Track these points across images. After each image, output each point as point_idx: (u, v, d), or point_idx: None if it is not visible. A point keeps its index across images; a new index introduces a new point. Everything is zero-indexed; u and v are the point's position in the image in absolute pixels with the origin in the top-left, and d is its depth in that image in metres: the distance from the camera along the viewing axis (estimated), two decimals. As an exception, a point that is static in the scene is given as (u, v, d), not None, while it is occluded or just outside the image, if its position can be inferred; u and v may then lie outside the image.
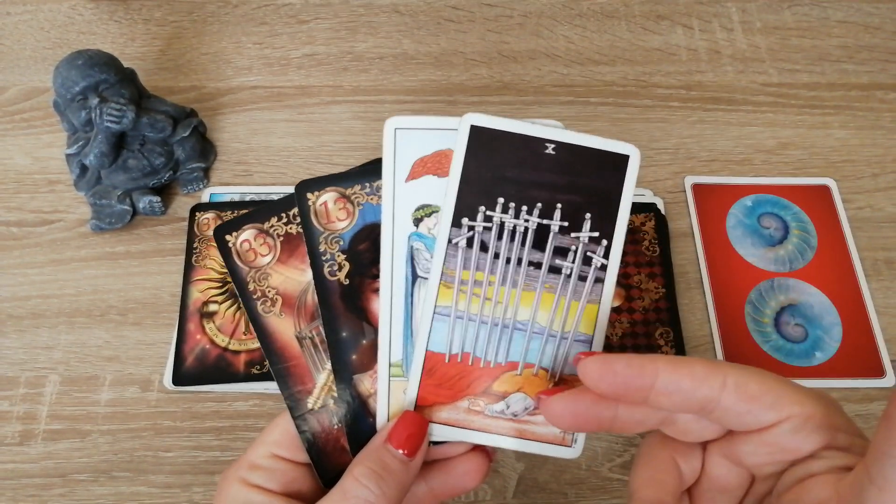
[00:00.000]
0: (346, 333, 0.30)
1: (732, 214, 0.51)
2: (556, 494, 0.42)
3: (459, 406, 0.29)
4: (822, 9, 0.62)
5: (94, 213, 0.50)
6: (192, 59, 0.59)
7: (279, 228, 0.32)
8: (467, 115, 0.29)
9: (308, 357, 0.31)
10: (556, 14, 0.62)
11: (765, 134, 0.55)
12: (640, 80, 0.58)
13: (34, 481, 0.42)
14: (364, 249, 0.31)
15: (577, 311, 0.29)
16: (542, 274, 0.29)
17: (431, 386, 0.29)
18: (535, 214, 0.29)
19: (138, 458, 0.43)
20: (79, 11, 0.62)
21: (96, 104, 0.48)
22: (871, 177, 0.53)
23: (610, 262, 0.29)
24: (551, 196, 0.29)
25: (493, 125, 0.29)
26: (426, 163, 0.30)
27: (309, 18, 0.61)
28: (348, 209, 0.31)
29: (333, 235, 0.31)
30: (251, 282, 0.31)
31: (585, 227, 0.29)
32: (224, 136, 0.55)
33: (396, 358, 0.29)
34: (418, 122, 0.30)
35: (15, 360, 0.46)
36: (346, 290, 0.30)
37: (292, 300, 0.31)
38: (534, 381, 0.29)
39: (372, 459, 0.27)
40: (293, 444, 0.30)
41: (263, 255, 0.32)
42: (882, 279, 0.48)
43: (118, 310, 0.47)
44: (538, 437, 0.29)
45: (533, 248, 0.29)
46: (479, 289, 0.29)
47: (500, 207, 0.29)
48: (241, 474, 0.29)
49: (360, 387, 0.30)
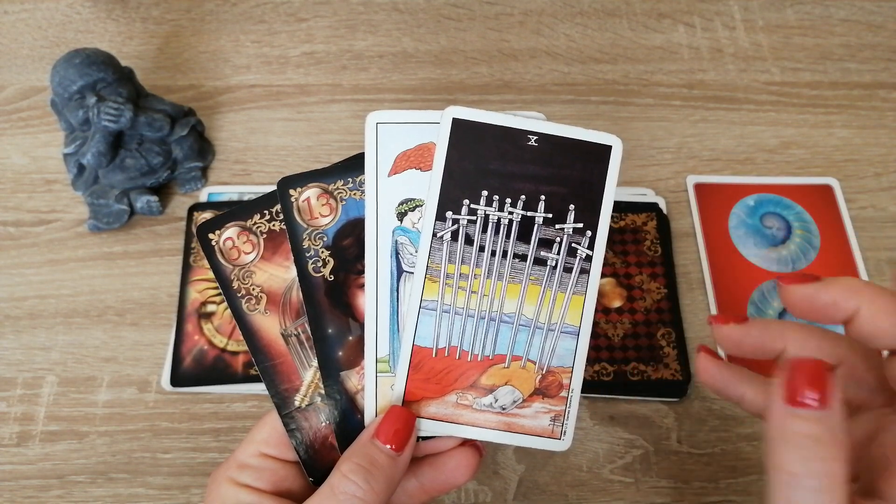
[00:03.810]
0: (331, 330, 0.30)
1: (735, 214, 0.50)
2: (556, 496, 0.41)
3: (447, 400, 0.29)
4: (825, 7, 0.61)
5: (91, 212, 0.50)
6: (190, 58, 0.59)
7: (262, 226, 0.32)
8: (449, 108, 0.29)
9: (294, 354, 0.31)
10: (556, 12, 0.61)
11: (767, 133, 0.54)
12: (641, 78, 0.57)
13: (31, 483, 0.42)
14: (348, 245, 0.30)
15: (564, 302, 0.29)
16: (528, 266, 0.29)
17: (419, 381, 0.29)
18: (519, 206, 0.29)
19: (136, 460, 0.42)
20: (76, 10, 0.62)
21: (94, 103, 0.47)
22: (874, 176, 0.52)
23: (595, 252, 0.29)
24: (535, 188, 0.29)
25: (474, 118, 0.29)
26: (409, 156, 0.30)
27: (308, 16, 0.61)
28: (331, 205, 0.31)
29: (317, 232, 0.31)
30: (235, 280, 0.31)
31: (569, 218, 0.29)
32: (222, 136, 0.55)
33: (383, 353, 0.29)
34: (400, 115, 0.30)
35: (12, 360, 0.46)
36: (331, 286, 0.30)
37: (277, 297, 0.31)
38: (521, 374, 0.29)
39: (360, 455, 0.27)
40: (281, 443, 0.30)
41: (247, 253, 0.32)
42: (885, 279, 0.48)
43: (116, 310, 0.47)
44: (527, 429, 0.29)
45: (518, 240, 0.29)
46: (464, 282, 0.29)
47: (483, 200, 0.29)
48: (230, 474, 0.29)
49: (348, 383, 0.30)
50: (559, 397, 0.29)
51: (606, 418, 0.43)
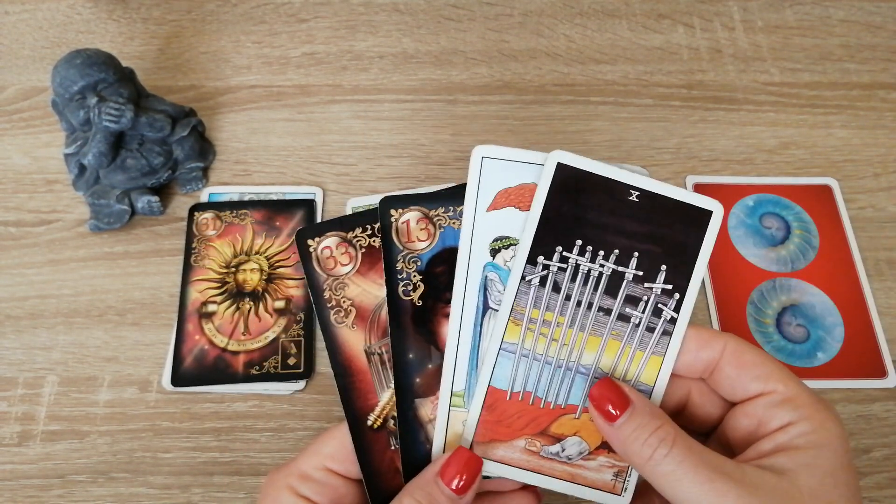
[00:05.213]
0: (412, 355, 0.30)
1: (734, 214, 0.50)
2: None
3: (516, 444, 0.29)
4: (824, 8, 0.61)
5: (92, 212, 0.50)
6: (191, 59, 0.59)
7: (362, 240, 0.32)
8: (554, 153, 0.29)
9: (374, 373, 0.30)
10: (556, 13, 0.61)
11: (766, 133, 0.54)
12: (641, 79, 0.57)
13: (33, 482, 0.42)
14: (440, 272, 0.30)
15: (641, 361, 0.29)
16: (611, 321, 0.29)
17: (490, 422, 0.29)
18: (611, 260, 0.29)
19: (137, 459, 0.43)
20: (77, 10, 0.62)
21: (95, 103, 0.48)
22: (873, 176, 0.52)
23: (680, 316, 0.29)
24: (629, 243, 0.29)
25: (579, 164, 0.29)
26: (509, 194, 0.30)
27: (308, 17, 0.61)
28: (430, 230, 0.31)
29: (412, 255, 0.31)
30: (327, 290, 0.31)
31: (660, 278, 0.29)
32: (223, 136, 0.55)
33: (459, 387, 0.29)
34: (505, 152, 0.30)
35: (13, 360, 0.46)
36: (418, 311, 0.30)
37: (366, 313, 0.31)
38: (591, 426, 0.29)
39: (422, 493, 0.27)
40: (348, 459, 0.29)
41: (344, 265, 0.31)
42: (884, 279, 0.48)
43: (116, 310, 0.47)
44: (589, 482, 0.29)
45: (605, 293, 0.29)
46: (546, 328, 0.29)
47: (577, 249, 0.29)
48: (290, 482, 0.28)
49: (421, 411, 0.29)
50: None
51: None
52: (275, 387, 0.44)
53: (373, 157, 0.53)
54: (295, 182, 0.52)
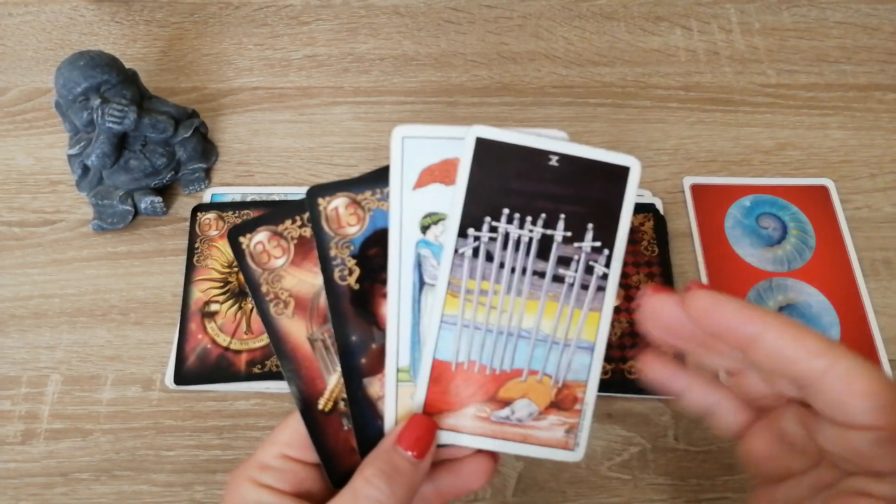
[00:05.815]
0: (355, 337, 0.30)
1: (731, 215, 0.51)
2: (555, 493, 0.42)
3: (466, 413, 0.29)
4: (821, 10, 0.62)
5: (95, 213, 0.50)
6: (194, 61, 0.59)
7: (293, 231, 0.32)
8: (473, 127, 0.30)
9: (320, 359, 0.31)
10: (555, 15, 0.62)
11: (763, 134, 0.55)
12: (638, 81, 0.58)
13: (36, 480, 0.42)
14: (374, 255, 0.31)
15: (580, 318, 0.30)
16: (546, 283, 0.30)
17: (438, 393, 0.29)
18: (538, 225, 0.29)
19: (140, 457, 0.43)
20: (80, 13, 0.62)
21: (98, 105, 0.48)
22: (870, 177, 0.53)
23: (611, 270, 0.30)
24: (555, 207, 0.30)
25: (498, 137, 0.30)
26: (433, 171, 0.30)
27: (310, 20, 0.62)
28: (359, 215, 0.31)
29: (344, 240, 0.31)
30: (264, 283, 0.31)
31: (588, 237, 0.30)
32: (225, 137, 0.55)
33: (404, 363, 0.30)
34: (425, 130, 0.30)
35: (17, 359, 0.46)
36: (356, 294, 0.30)
37: (305, 302, 0.31)
38: (537, 388, 0.30)
39: (382, 461, 0.28)
40: (303, 445, 0.30)
41: (277, 258, 0.32)
42: (880, 279, 0.49)
43: (120, 309, 0.48)
44: (542, 441, 0.30)
45: (537, 257, 0.30)
46: (484, 298, 0.30)
47: (504, 218, 0.29)
48: (250, 474, 0.29)
49: (370, 390, 0.30)
50: (573, 410, 0.30)
51: (604, 416, 0.44)
52: (277, 385, 0.44)
53: (374, 158, 0.54)
54: (297, 183, 0.52)
